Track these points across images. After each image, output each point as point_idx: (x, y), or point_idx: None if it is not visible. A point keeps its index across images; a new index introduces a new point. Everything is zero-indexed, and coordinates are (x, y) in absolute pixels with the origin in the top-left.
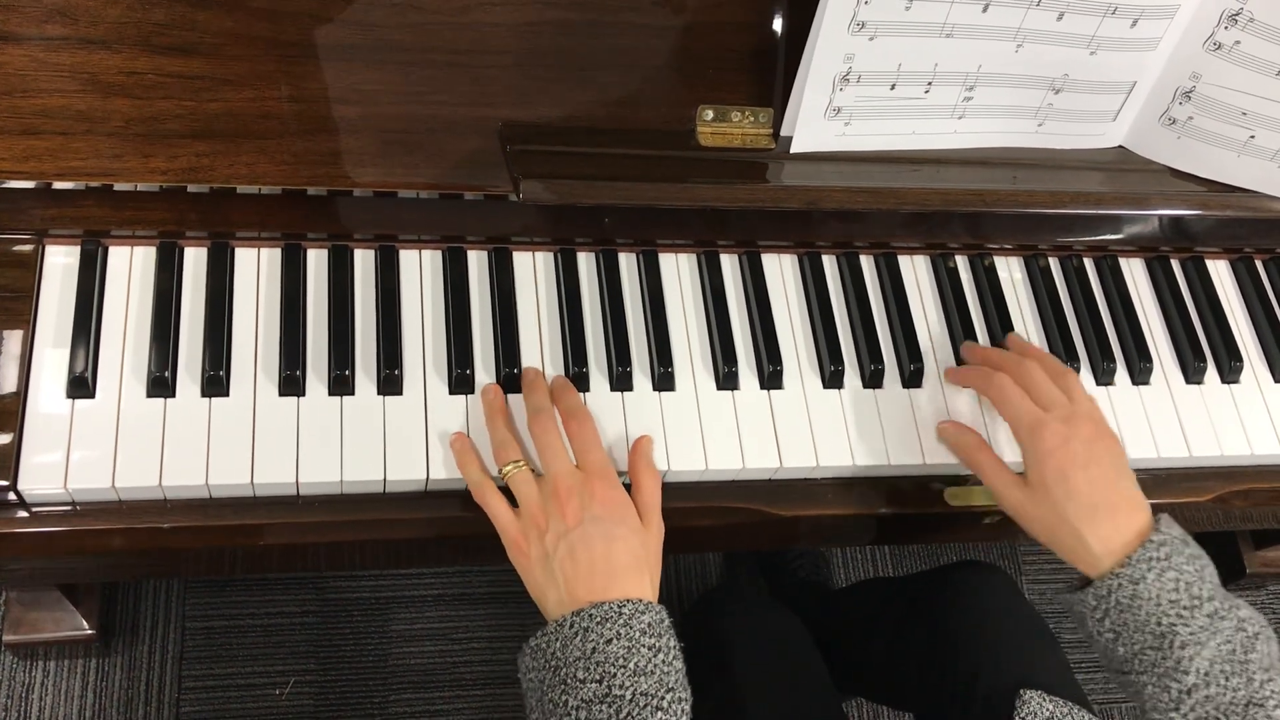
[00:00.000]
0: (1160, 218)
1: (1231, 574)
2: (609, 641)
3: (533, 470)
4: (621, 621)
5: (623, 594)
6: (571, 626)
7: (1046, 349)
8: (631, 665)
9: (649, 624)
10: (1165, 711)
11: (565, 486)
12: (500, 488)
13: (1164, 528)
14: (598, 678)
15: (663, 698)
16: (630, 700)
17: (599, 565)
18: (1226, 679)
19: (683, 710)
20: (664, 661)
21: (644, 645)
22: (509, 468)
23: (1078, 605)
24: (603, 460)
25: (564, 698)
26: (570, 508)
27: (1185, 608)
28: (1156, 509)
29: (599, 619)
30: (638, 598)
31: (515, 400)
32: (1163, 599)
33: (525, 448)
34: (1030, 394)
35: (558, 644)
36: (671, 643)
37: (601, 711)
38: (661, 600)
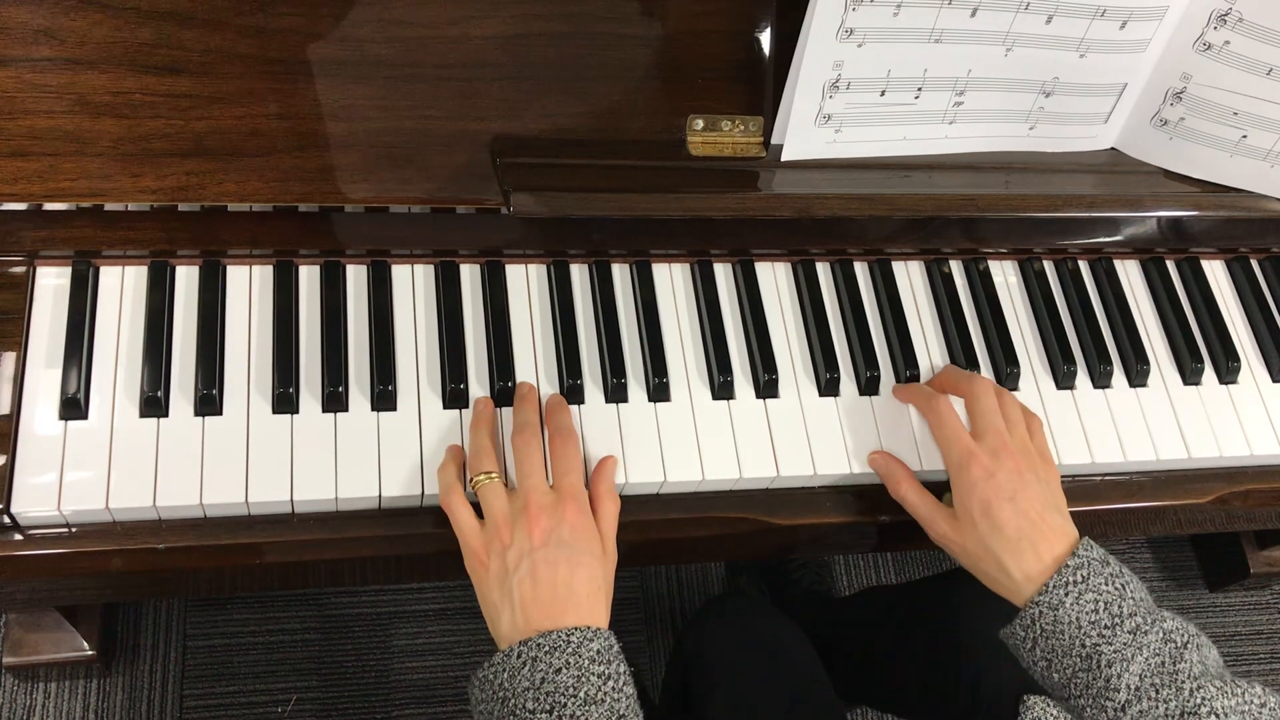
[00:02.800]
0: (1154, 219)
1: (1235, 574)
2: (558, 671)
3: (505, 485)
4: (570, 650)
5: (578, 621)
6: (519, 656)
7: (1043, 353)
8: (582, 694)
9: (598, 651)
10: None
11: (537, 504)
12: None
13: (1081, 551)
14: (548, 708)
15: None
16: None
17: (560, 590)
18: (1157, 691)
19: None
20: (614, 689)
21: (593, 673)
22: (480, 478)
23: (1009, 639)
24: (579, 485)
25: None
26: (538, 527)
27: (1106, 627)
28: (1156, 512)
29: (547, 648)
30: (593, 625)
31: (509, 415)
32: (1082, 621)
33: (506, 465)
34: (971, 411)
35: (505, 675)
36: (621, 669)
37: None
38: (658, 614)
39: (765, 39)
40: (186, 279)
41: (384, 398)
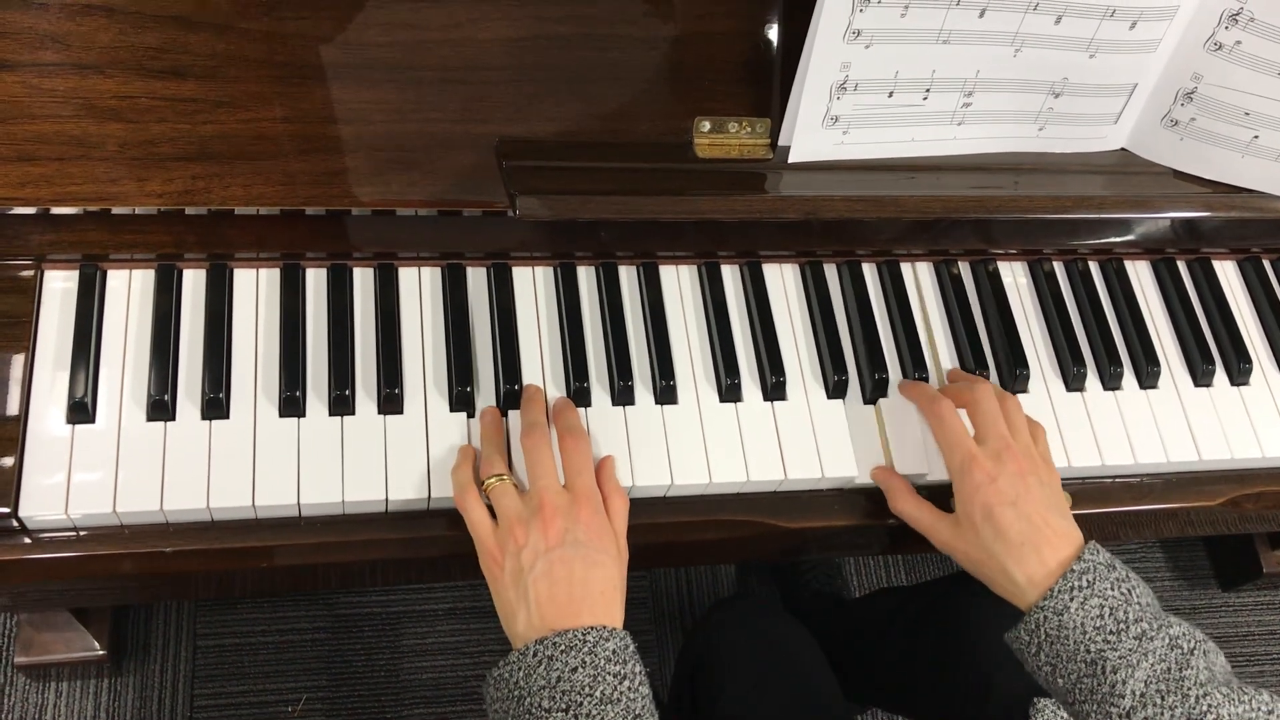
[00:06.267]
0: (1165, 220)
1: (1248, 574)
2: (574, 670)
3: (516, 486)
4: (586, 649)
5: (593, 620)
6: (535, 655)
7: (1053, 355)
8: (598, 693)
9: (614, 650)
10: None
11: (551, 505)
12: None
13: (1087, 554)
14: (564, 707)
15: None
16: None
17: (576, 590)
18: (1163, 698)
19: None
20: (630, 688)
21: (609, 673)
22: (492, 480)
23: (1014, 643)
24: (592, 485)
25: None
26: (553, 527)
27: (1112, 633)
28: (1167, 514)
29: (563, 647)
30: (608, 625)
31: (516, 418)
32: (1088, 626)
33: (517, 470)
34: (974, 416)
35: (520, 673)
36: (637, 668)
37: None
38: (667, 614)
39: (772, 41)
40: (193, 282)
41: (391, 401)
